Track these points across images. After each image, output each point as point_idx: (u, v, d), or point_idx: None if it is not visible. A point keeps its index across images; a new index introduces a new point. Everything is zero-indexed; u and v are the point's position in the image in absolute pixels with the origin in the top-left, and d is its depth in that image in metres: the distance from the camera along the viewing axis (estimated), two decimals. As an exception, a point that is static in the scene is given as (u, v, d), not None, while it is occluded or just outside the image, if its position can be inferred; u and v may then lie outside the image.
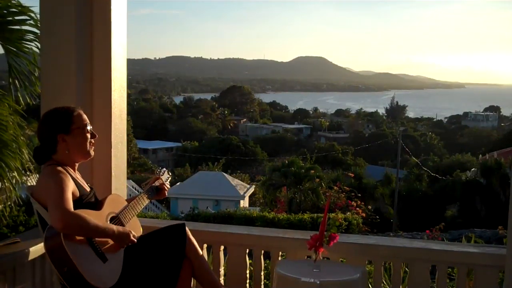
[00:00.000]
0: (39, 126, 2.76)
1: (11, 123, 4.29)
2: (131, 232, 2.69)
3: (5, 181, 4.26)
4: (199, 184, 27.44)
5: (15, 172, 4.30)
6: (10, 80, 4.39)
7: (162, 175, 3.22)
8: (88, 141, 2.78)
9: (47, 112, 2.78)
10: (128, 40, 3.70)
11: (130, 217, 2.87)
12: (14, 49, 4.31)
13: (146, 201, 3.05)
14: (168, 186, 3.24)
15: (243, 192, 27.18)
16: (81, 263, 2.42)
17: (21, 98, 4.43)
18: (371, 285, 3.65)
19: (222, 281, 3.64)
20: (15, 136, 4.30)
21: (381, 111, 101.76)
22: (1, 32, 4.23)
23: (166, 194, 3.18)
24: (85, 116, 2.80)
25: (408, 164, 38.29)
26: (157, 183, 3.17)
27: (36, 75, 4.45)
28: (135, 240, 2.72)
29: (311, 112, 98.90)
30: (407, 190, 29.29)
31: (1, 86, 4.65)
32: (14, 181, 4.36)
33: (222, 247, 3.72)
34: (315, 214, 14.60)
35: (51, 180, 2.54)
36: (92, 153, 2.81)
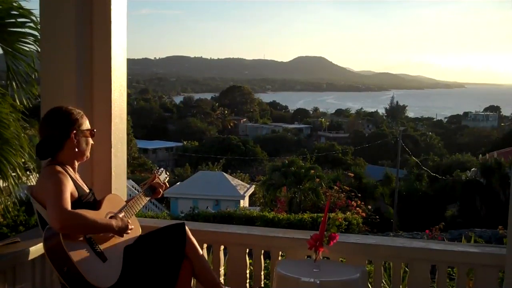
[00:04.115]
0: (45, 122, 2.76)
1: (12, 120, 4.30)
2: (129, 222, 2.74)
3: (7, 178, 4.27)
4: (199, 184, 27.43)
5: (17, 168, 4.31)
6: (8, 82, 4.40)
7: (159, 174, 3.24)
8: (90, 144, 2.85)
9: (56, 109, 2.78)
10: (128, 40, 3.70)
11: (129, 216, 2.88)
12: (13, 51, 4.32)
13: (144, 201, 3.06)
14: (167, 185, 3.25)
15: (243, 192, 27.16)
16: (81, 263, 2.43)
17: (17, 100, 4.44)
18: (371, 285, 3.65)
19: (222, 281, 3.64)
20: (16, 134, 4.31)
21: (381, 111, 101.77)
22: (0, 34, 4.24)
23: (161, 192, 3.18)
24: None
25: (408, 164, 38.29)
26: (154, 183, 3.18)
27: (33, 77, 4.46)
28: (133, 227, 2.79)
29: (311, 112, 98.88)
30: (407, 190, 29.29)
31: (2, 85, 4.65)
32: (17, 178, 4.37)
33: (222, 247, 3.72)
34: (315, 214, 14.59)
35: (49, 180, 2.56)
36: (88, 155, 2.88)
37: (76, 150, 2.75)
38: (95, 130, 2.89)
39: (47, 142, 2.71)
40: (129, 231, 2.76)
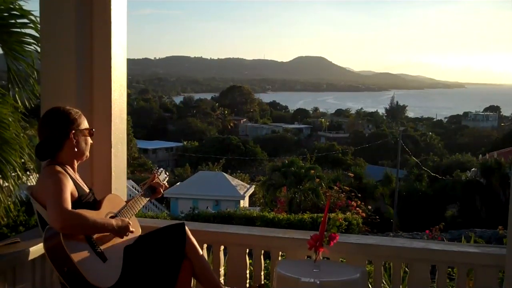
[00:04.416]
0: (44, 122, 2.76)
1: (12, 121, 4.31)
2: (129, 223, 2.73)
3: (7, 178, 4.27)
4: (199, 184, 27.43)
5: (17, 169, 4.32)
6: (9, 82, 4.40)
7: (159, 175, 3.24)
8: (89, 143, 2.85)
9: (54, 109, 2.78)
10: (128, 40, 3.70)
11: (129, 216, 2.89)
12: (13, 52, 4.32)
13: (144, 201, 3.07)
14: (167, 186, 3.26)
15: (243, 192, 27.17)
16: (81, 263, 2.43)
17: (19, 100, 4.44)
18: (371, 285, 3.65)
19: (222, 281, 3.64)
20: (16, 134, 4.32)
21: (381, 111, 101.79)
22: (0, 35, 4.24)
23: (162, 192, 3.18)
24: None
25: (408, 164, 38.30)
26: (154, 183, 3.18)
27: (34, 77, 4.47)
28: (133, 230, 2.77)
29: (311, 112, 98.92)
30: (407, 190, 29.28)
31: (2, 86, 4.66)
32: (16, 179, 4.37)
33: (222, 247, 3.72)
34: (315, 214, 14.57)
35: (50, 180, 2.56)
36: (88, 154, 2.88)
37: (76, 150, 2.75)
38: (93, 129, 2.89)
39: (46, 143, 2.71)
40: (131, 234, 2.75)
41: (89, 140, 2.85)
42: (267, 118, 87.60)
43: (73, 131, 2.73)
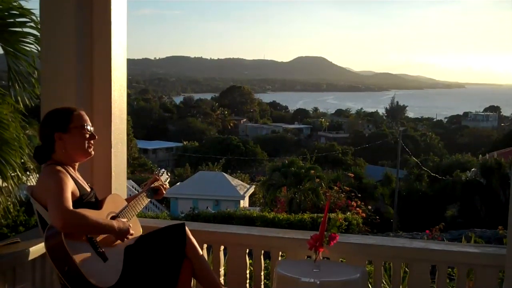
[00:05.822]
0: (40, 126, 2.78)
1: (12, 121, 4.31)
2: (130, 226, 2.73)
3: (6, 178, 4.27)
4: (199, 184, 27.44)
5: (17, 169, 4.32)
6: (10, 82, 4.40)
7: (161, 175, 3.23)
8: (86, 140, 2.76)
9: (48, 112, 2.80)
10: (128, 40, 3.70)
11: (130, 217, 2.89)
12: (14, 51, 4.32)
13: (145, 201, 3.07)
14: (168, 186, 3.25)
15: (243, 192, 27.18)
16: (82, 262, 2.43)
17: (20, 100, 4.44)
18: (371, 285, 3.65)
19: (222, 281, 3.64)
20: (16, 134, 4.32)
21: (381, 111, 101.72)
22: (0, 34, 4.24)
23: (164, 194, 3.18)
24: (86, 117, 2.80)
25: (408, 164, 38.27)
26: (156, 184, 3.17)
27: (35, 77, 4.46)
28: (133, 233, 2.76)
29: (311, 112, 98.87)
30: (407, 190, 29.28)
31: (2, 85, 4.65)
32: (16, 179, 4.37)
33: (222, 247, 3.72)
34: (315, 214, 14.59)
35: (50, 180, 2.55)
36: (91, 152, 2.80)
37: (64, 150, 2.69)
38: (86, 125, 2.76)
39: (40, 147, 2.72)
40: (130, 237, 2.74)
41: (85, 137, 2.74)
42: (267, 118, 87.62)
43: (58, 132, 2.68)
